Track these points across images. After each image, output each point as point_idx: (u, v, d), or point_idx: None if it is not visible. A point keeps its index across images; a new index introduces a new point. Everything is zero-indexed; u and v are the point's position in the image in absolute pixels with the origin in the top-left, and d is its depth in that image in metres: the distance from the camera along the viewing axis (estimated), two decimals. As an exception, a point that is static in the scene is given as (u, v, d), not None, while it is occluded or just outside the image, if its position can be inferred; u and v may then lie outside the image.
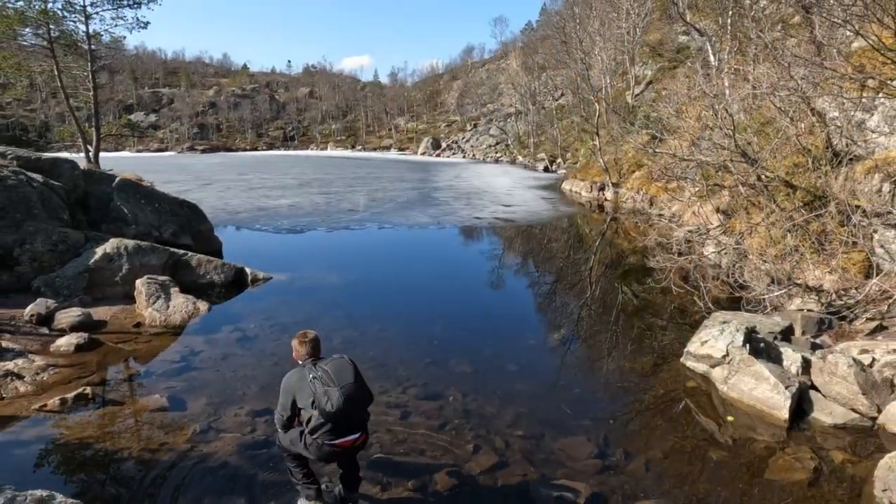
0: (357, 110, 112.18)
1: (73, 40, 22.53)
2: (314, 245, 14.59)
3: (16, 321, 7.50)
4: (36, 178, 9.86)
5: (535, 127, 56.32)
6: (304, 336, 3.77)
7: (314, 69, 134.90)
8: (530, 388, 5.92)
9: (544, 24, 67.82)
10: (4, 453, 4.62)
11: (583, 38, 35.49)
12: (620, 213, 20.81)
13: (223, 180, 34.33)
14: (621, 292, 10.07)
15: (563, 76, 48.49)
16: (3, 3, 20.42)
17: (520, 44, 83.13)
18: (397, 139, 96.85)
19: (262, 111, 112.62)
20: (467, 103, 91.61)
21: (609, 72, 35.91)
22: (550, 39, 51.29)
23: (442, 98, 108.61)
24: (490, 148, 69.78)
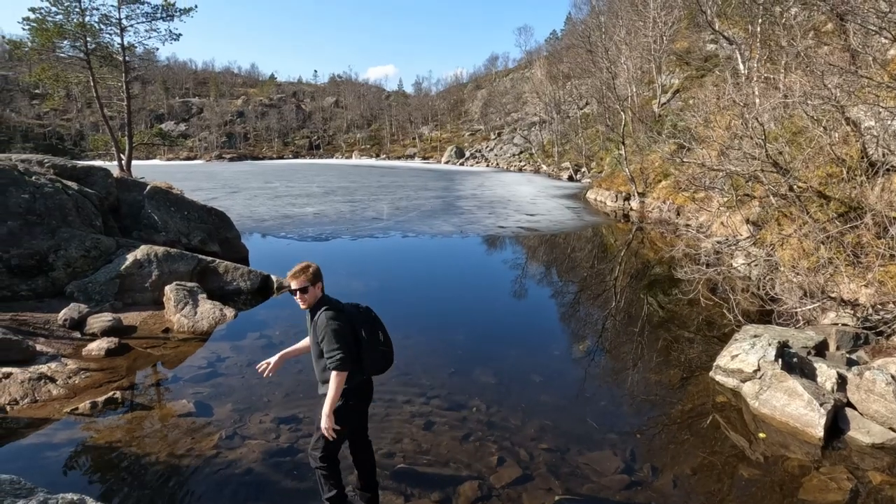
0: (381, 119, 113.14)
1: (108, 52, 23.25)
2: (339, 253, 14.69)
3: (50, 325, 7.69)
4: (71, 185, 10.13)
5: (560, 136, 56.09)
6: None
7: (340, 79, 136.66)
8: (555, 400, 5.85)
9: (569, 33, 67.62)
10: (37, 455, 4.71)
11: (609, 46, 35.32)
12: (646, 222, 20.55)
13: (250, 188, 34.87)
14: (647, 303, 9.91)
15: (588, 85, 48.21)
16: (43, 17, 21.14)
17: (544, 53, 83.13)
18: (421, 148, 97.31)
19: (289, 120, 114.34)
20: (491, 112, 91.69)
21: (635, 80, 35.63)
22: (575, 48, 51.09)
23: (466, 107, 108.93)
24: (514, 157, 69.69)
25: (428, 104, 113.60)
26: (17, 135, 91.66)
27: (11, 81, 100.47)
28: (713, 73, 27.49)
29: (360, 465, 3.97)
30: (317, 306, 3.66)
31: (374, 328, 3.77)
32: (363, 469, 3.97)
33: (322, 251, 14.83)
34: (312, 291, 3.64)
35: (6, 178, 9.14)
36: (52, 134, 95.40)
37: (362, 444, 3.98)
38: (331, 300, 3.73)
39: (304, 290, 3.61)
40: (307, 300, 3.64)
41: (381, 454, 4.69)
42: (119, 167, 22.86)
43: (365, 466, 3.97)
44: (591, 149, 47.19)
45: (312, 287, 3.63)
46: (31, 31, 21.85)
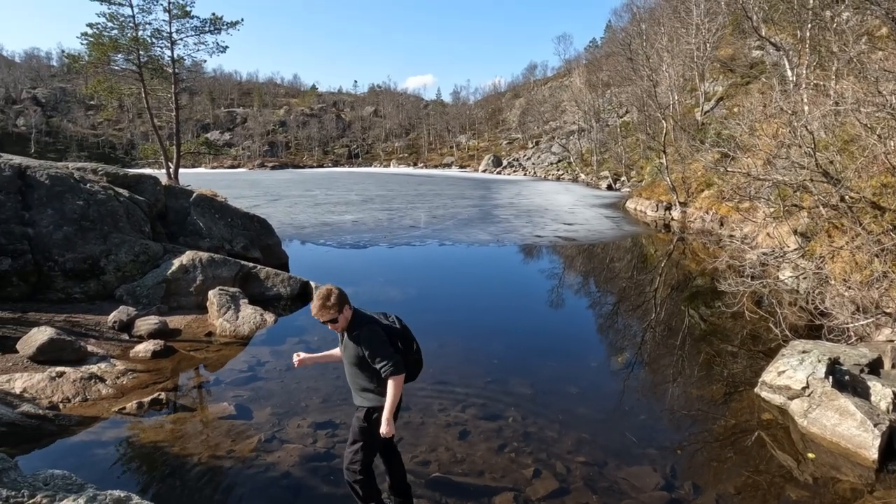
0: (419, 128, 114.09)
1: (159, 65, 24.18)
2: (376, 260, 14.84)
3: (100, 327, 7.99)
4: (122, 192, 10.54)
5: (599, 144, 55.47)
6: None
7: (379, 89, 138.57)
8: (592, 413, 5.75)
9: (609, 41, 67.04)
10: (87, 452, 4.89)
11: (650, 54, 34.84)
12: (688, 233, 20.09)
13: (291, 196, 35.60)
14: (688, 316, 9.67)
15: (628, 93, 47.62)
16: (99, 32, 22.15)
17: (584, 61, 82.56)
18: (458, 157, 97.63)
19: (329, 129, 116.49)
20: (529, 121, 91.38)
21: (677, 88, 35.00)
22: (615, 56, 50.60)
23: (504, 116, 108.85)
24: (552, 166, 69.18)
25: (466, 113, 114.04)
26: (73, 144, 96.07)
27: (69, 93, 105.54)
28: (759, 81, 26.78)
29: (393, 471, 4.03)
30: (353, 325, 3.64)
31: (407, 337, 3.86)
32: (397, 474, 4.03)
33: (360, 258, 15.01)
34: (342, 318, 3.59)
35: (63, 185, 9.58)
36: (105, 143, 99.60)
37: (393, 449, 4.04)
38: (364, 315, 3.73)
39: (333, 322, 3.57)
40: (340, 326, 3.62)
41: (416, 462, 4.70)
42: (167, 175, 23.67)
43: (399, 471, 4.03)
44: (631, 158, 46.50)
45: (341, 315, 3.57)
46: (89, 45, 22.93)
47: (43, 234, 9.00)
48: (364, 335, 3.58)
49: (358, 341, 3.60)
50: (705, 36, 32.88)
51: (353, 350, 3.63)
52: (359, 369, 3.67)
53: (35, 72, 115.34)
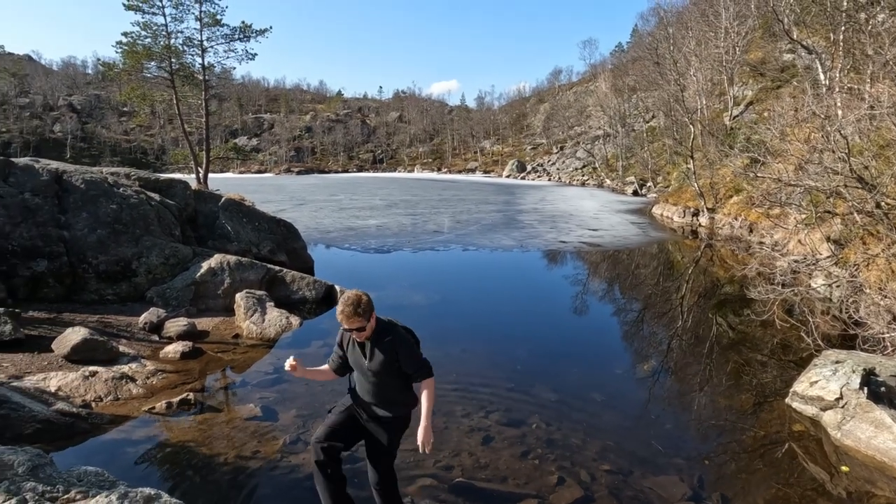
0: (443, 133, 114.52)
1: (190, 72, 24.77)
2: (400, 265, 14.91)
3: (131, 328, 8.18)
4: (154, 197, 10.79)
5: (624, 150, 54.94)
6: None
7: (404, 94, 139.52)
8: (617, 420, 5.69)
9: (636, 46, 66.41)
10: (117, 450, 5.00)
11: (677, 58, 34.44)
12: (716, 239, 19.75)
13: (316, 200, 36.00)
14: (716, 324, 9.50)
15: (654, 98, 47.09)
16: (133, 41, 22.78)
17: (609, 66, 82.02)
18: (482, 162, 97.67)
19: (354, 135, 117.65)
20: (554, 126, 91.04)
21: (705, 93, 34.50)
22: (642, 61, 50.11)
23: (528, 121, 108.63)
24: (577, 171, 68.77)
25: (490, 118, 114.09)
26: (107, 149, 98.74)
27: (103, 100, 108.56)
28: (790, 84, 26.25)
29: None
30: (382, 332, 3.50)
31: (416, 338, 3.82)
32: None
33: (384, 263, 15.09)
34: (370, 326, 3.44)
35: (98, 189, 9.85)
36: (136, 148, 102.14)
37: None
38: (387, 322, 3.59)
39: (360, 329, 3.41)
40: (366, 334, 3.46)
41: (440, 467, 4.70)
42: (197, 180, 24.19)
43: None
44: (658, 163, 45.96)
45: (369, 322, 3.41)
46: (123, 53, 23.60)
47: (78, 236, 9.26)
48: (399, 340, 3.47)
49: (392, 347, 3.45)
50: (734, 39, 32.36)
51: (384, 358, 3.47)
52: (389, 378, 3.52)
53: (71, 79, 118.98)
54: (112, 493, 3.02)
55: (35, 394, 5.61)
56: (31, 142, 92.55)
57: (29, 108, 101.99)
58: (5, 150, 76.27)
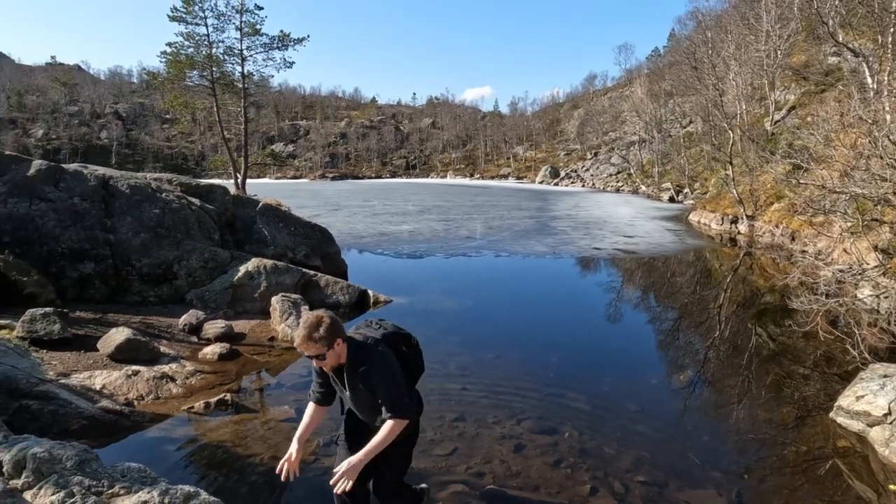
0: (476, 139, 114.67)
1: (230, 80, 25.48)
2: (432, 270, 14.97)
3: (171, 329, 8.41)
4: (194, 202, 11.10)
5: (660, 155, 54.06)
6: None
7: (437, 101, 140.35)
8: (652, 431, 5.58)
9: (673, 50, 65.40)
10: (158, 447, 5.15)
11: (716, 62, 33.75)
12: (756, 247, 19.24)
13: (350, 206, 36.44)
14: (755, 334, 9.25)
15: (692, 103, 46.26)
16: (177, 51, 23.56)
17: (645, 70, 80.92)
18: (515, 168, 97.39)
19: (388, 141, 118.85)
20: (588, 131, 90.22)
21: (745, 97, 33.72)
22: (679, 65, 49.27)
23: (562, 127, 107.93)
24: (611, 177, 67.93)
25: (523, 124, 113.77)
26: (149, 155, 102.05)
27: (147, 108, 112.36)
28: (835, 88, 25.45)
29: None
30: (356, 360, 3.07)
31: (408, 338, 3.45)
32: None
33: (416, 268, 15.17)
34: (333, 354, 3.00)
35: (142, 194, 10.19)
36: (178, 154, 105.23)
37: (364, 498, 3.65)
38: (364, 344, 3.13)
39: (320, 358, 3.00)
40: (329, 364, 3.05)
41: (471, 473, 4.69)
42: (235, 185, 24.81)
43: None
44: (695, 169, 45.07)
45: (331, 350, 2.97)
46: (167, 62, 24.44)
47: (122, 240, 9.59)
48: (374, 370, 3.03)
49: (366, 379, 3.03)
50: (776, 43, 31.57)
51: (364, 391, 3.08)
52: (372, 409, 3.16)
53: (117, 88, 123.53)
54: (154, 489, 3.11)
55: (81, 391, 5.82)
56: (79, 148, 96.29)
57: (78, 116, 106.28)
58: (55, 156, 79.50)
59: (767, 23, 31.89)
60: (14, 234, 8.88)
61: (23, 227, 8.97)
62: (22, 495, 2.99)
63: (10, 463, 3.23)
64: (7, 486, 2.95)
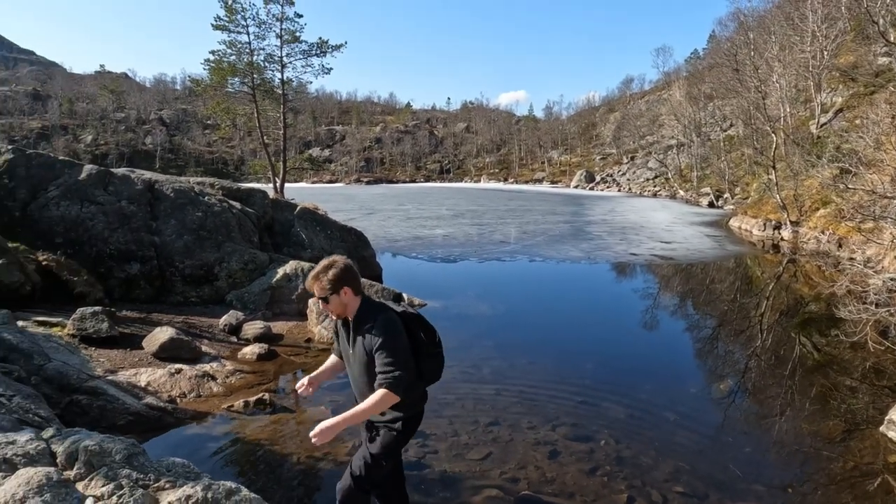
0: (511, 143, 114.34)
1: (270, 87, 26.06)
2: (466, 274, 14.98)
3: (212, 329, 8.64)
4: (235, 205, 11.38)
5: (699, 159, 52.92)
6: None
7: (471, 105, 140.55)
8: (691, 442, 5.46)
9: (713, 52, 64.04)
10: (199, 444, 5.29)
11: (759, 64, 32.87)
12: (800, 254, 18.64)
13: (384, 210, 36.77)
14: (799, 344, 8.95)
15: (733, 105, 45.17)
16: (220, 58, 24.25)
17: (684, 73, 79.47)
18: (550, 172, 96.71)
19: (422, 145, 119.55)
20: (624, 135, 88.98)
21: (789, 100, 32.76)
22: (720, 67, 48.21)
23: (597, 130, 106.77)
24: (648, 181, 66.83)
25: (558, 128, 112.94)
26: (191, 160, 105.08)
27: (189, 114, 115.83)
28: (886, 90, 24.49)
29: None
30: (363, 317, 2.98)
31: (427, 327, 3.22)
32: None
33: (450, 272, 15.21)
34: (337, 301, 2.95)
35: (185, 198, 10.50)
36: (218, 159, 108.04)
37: (401, 480, 3.58)
38: (378, 304, 3.09)
39: (325, 300, 2.94)
40: (334, 310, 2.98)
41: (505, 479, 4.68)
42: (274, 189, 25.34)
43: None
44: (736, 173, 43.95)
45: (336, 295, 2.92)
46: (210, 70, 25.16)
47: (167, 242, 9.90)
48: (378, 330, 2.88)
49: (369, 336, 2.91)
50: (822, 43, 30.60)
51: (363, 349, 2.95)
52: (365, 373, 3.02)
53: (162, 95, 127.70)
54: (197, 484, 3.21)
55: (127, 388, 6.03)
56: (125, 153, 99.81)
57: (124, 122, 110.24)
58: (103, 161, 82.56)
59: (813, 23, 30.94)
60: (66, 235, 9.28)
61: (74, 229, 9.36)
62: (74, 486, 3.12)
63: (64, 454, 3.37)
64: (61, 476, 3.08)
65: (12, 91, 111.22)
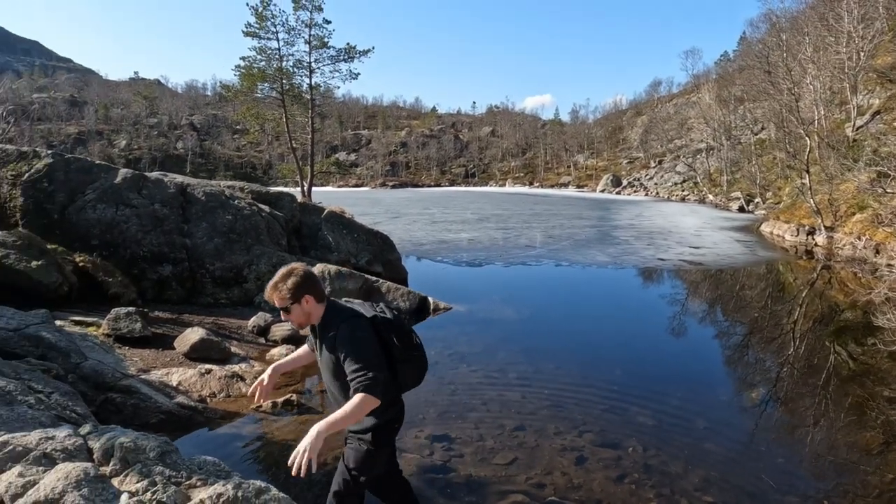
0: (536, 147, 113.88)
1: (298, 92, 26.47)
2: (491, 278, 14.95)
3: (241, 331, 8.78)
4: (264, 208, 11.56)
5: (729, 163, 51.98)
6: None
7: (497, 109, 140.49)
8: (722, 451, 5.35)
9: (743, 54, 62.85)
10: (229, 443, 5.38)
11: (792, 66, 32.17)
12: (835, 260, 18.15)
13: (409, 214, 36.93)
14: (834, 353, 8.71)
15: (764, 108, 44.25)
16: (250, 64, 24.72)
17: (714, 76, 78.22)
18: (576, 176, 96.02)
19: (447, 150, 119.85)
20: (652, 139, 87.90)
21: (823, 102, 31.98)
22: (751, 69, 47.27)
23: (624, 134, 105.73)
24: (676, 186, 65.87)
25: (584, 132, 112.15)
26: (221, 164, 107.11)
27: (220, 119, 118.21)
28: (926, 91, 23.76)
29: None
30: (328, 324, 2.85)
31: (403, 330, 3.06)
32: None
33: (476, 276, 15.19)
34: (299, 310, 2.82)
35: (216, 201, 10.71)
36: (247, 163, 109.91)
37: (396, 485, 3.40)
38: (346, 308, 2.92)
39: (286, 311, 2.81)
40: (297, 320, 2.84)
41: (531, 484, 4.65)
42: (301, 193, 25.68)
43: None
44: (767, 177, 43.04)
45: (297, 304, 2.79)
46: (241, 76, 25.66)
47: (198, 244, 10.10)
48: (342, 337, 2.75)
49: (333, 344, 2.77)
50: (859, 44, 29.82)
51: (330, 357, 2.82)
52: (336, 378, 2.88)
53: (193, 101, 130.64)
54: (228, 482, 3.26)
55: (159, 387, 6.16)
56: (157, 157, 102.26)
57: (157, 128, 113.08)
58: (136, 165, 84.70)
59: (849, 23, 30.16)
60: (101, 237, 9.54)
61: (109, 231, 9.61)
62: (110, 481, 3.20)
63: (100, 451, 3.46)
64: (98, 471, 3.16)
65: (51, 98, 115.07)
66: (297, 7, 24.92)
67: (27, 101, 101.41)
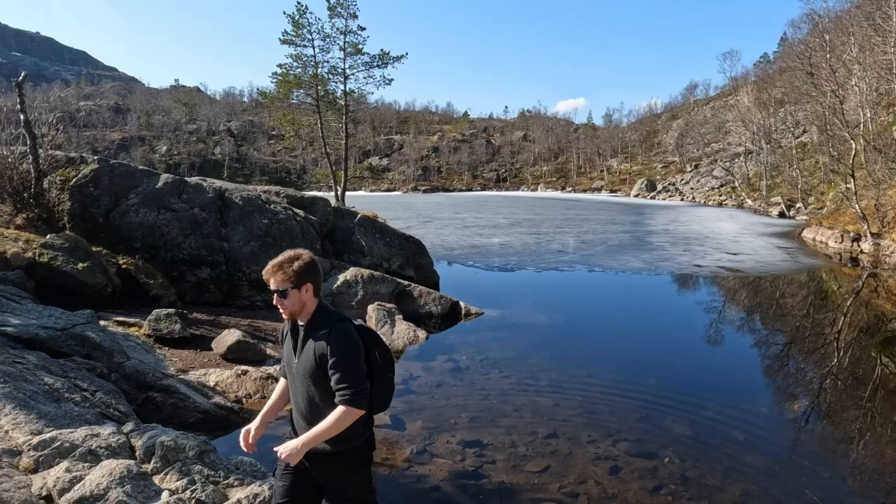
0: (569, 152, 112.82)
1: (332, 98, 26.87)
2: (523, 284, 14.86)
3: (276, 333, 8.92)
4: (299, 213, 11.74)
5: (769, 167, 50.58)
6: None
7: (529, 113, 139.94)
8: (762, 464, 5.20)
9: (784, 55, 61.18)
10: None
11: (836, 67, 31.17)
12: (882, 268, 17.47)
13: (441, 218, 37.02)
14: (880, 364, 8.38)
15: (806, 111, 43.00)
16: (286, 71, 25.22)
17: (753, 78, 76.41)
18: (609, 181, 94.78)
19: (479, 154, 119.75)
20: (688, 143, 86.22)
21: (870, 104, 30.88)
22: (792, 71, 45.97)
23: (659, 138, 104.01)
24: (713, 190, 64.47)
25: (618, 136, 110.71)
26: (257, 169, 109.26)
27: (256, 125, 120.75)
28: (980, 92, 22.75)
29: None
30: (319, 322, 2.63)
31: (382, 346, 2.86)
32: None
33: (507, 281, 15.13)
34: (296, 297, 2.59)
35: (253, 206, 10.94)
36: (281, 168, 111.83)
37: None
38: (334, 311, 2.74)
39: (282, 294, 2.57)
40: (290, 307, 2.60)
41: (565, 493, 4.60)
42: (335, 197, 26.04)
43: None
44: (809, 182, 41.78)
45: (296, 290, 2.58)
46: (277, 82, 26.19)
47: (235, 248, 10.33)
48: (336, 337, 2.54)
49: (325, 342, 2.54)
50: (907, 44, 28.72)
51: (312, 356, 2.57)
52: (324, 391, 2.59)
53: (230, 107, 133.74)
54: (264, 483, 3.32)
55: (198, 387, 6.31)
56: (196, 163, 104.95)
57: (196, 134, 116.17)
58: (176, 171, 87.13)
59: (897, 22, 29.11)
60: (143, 240, 9.84)
61: (151, 235, 9.91)
62: (151, 479, 3.30)
63: (142, 449, 3.57)
64: (140, 469, 3.26)
65: (96, 105, 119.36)
66: (333, 14, 25.35)
67: (74, 108, 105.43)
